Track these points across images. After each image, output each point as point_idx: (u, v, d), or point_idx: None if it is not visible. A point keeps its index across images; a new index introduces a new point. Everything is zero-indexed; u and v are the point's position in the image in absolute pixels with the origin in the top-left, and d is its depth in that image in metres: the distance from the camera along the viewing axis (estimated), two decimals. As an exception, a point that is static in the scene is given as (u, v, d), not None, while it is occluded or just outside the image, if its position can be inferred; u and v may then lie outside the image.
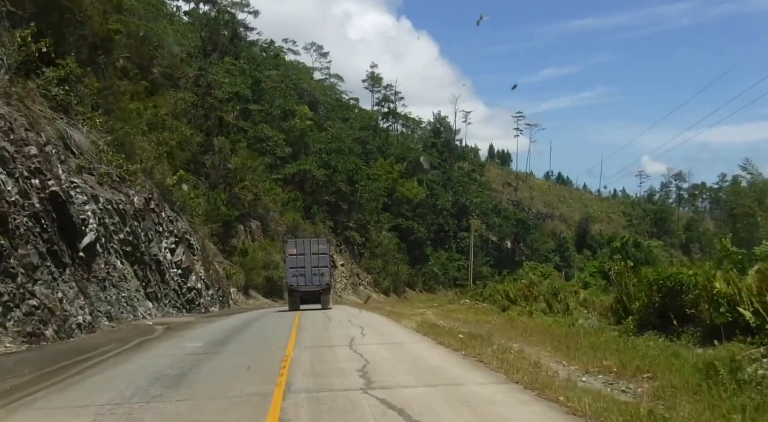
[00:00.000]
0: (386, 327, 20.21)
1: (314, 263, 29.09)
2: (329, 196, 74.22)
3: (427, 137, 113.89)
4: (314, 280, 29.02)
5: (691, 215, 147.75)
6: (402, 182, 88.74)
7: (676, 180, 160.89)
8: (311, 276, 28.98)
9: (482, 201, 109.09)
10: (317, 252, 29.36)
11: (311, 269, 29.00)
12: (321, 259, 29.39)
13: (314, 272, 28.98)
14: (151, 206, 29.63)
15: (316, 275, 28.96)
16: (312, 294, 29.48)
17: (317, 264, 29.16)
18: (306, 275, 28.99)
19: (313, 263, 29.07)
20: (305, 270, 29.01)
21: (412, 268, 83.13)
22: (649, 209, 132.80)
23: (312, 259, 29.11)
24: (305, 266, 29.01)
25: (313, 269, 28.99)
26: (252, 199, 59.25)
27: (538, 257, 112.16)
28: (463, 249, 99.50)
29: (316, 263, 29.12)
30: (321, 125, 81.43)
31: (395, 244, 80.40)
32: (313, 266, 29.02)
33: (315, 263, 29.08)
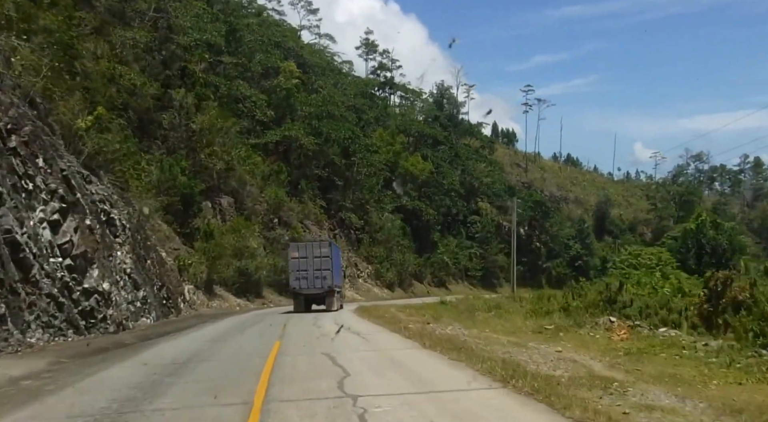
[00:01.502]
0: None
1: (316, 266, 29.16)
2: (320, 170, 61.16)
3: (430, 110, 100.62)
4: (317, 283, 29.07)
5: (717, 198, 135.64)
6: (405, 156, 75.72)
7: (694, 161, 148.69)
8: (314, 279, 29.09)
9: (493, 181, 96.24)
10: (319, 255, 29.42)
11: (314, 272, 29.12)
12: (323, 262, 29.36)
13: (317, 275, 29.08)
14: (12, 143, 16.64)
15: (318, 278, 29.05)
16: (316, 297, 29.75)
17: (320, 267, 29.18)
18: (309, 278, 29.13)
19: (315, 266, 29.15)
20: (308, 273, 29.15)
21: (419, 257, 70.25)
22: (675, 191, 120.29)
23: (314, 262, 29.23)
24: (308, 269, 29.17)
25: (315, 272, 29.10)
26: (223, 169, 46.19)
27: (558, 244, 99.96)
28: (474, 235, 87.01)
29: (318, 266, 29.18)
30: (310, 86, 68.15)
31: (400, 228, 67.50)
32: (315, 269, 29.11)
33: (317, 266, 29.15)
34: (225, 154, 46.60)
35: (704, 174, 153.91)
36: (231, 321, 25.54)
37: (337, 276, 32.07)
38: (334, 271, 30.25)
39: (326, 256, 29.68)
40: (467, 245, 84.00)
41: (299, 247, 30.73)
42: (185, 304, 29.15)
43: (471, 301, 46.45)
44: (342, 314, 28.01)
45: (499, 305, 28.08)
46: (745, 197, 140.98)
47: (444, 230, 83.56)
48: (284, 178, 54.66)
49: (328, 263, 29.58)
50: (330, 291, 29.71)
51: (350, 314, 28.39)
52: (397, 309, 32.19)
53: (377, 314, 25.83)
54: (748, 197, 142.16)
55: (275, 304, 41.11)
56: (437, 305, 41.56)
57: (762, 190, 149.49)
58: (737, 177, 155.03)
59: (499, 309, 26.33)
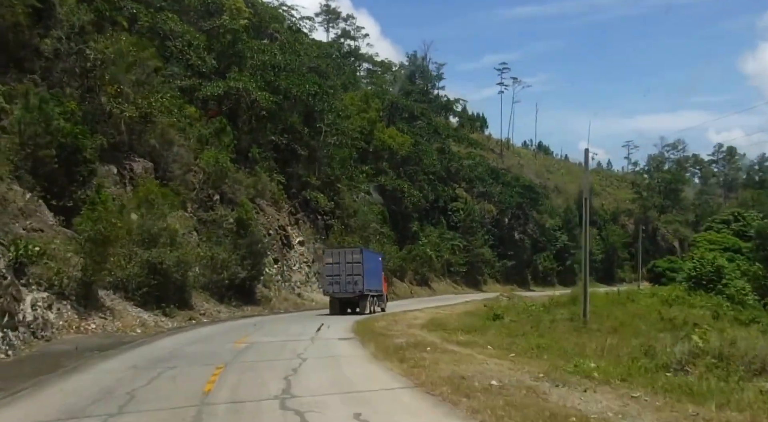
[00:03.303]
0: None
1: (348, 272, 30.10)
2: (278, 136, 46.83)
3: (402, 83, 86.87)
4: (348, 287, 30.06)
5: (701, 187, 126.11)
6: (381, 127, 61.88)
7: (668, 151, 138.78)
8: (345, 284, 30.06)
9: (475, 163, 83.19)
10: (351, 261, 30.26)
11: (345, 277, 30.07)
12: (355, 268, 30.17)
13: (348, 281, 30.03)
14: None
15: (350, 283, 30.02)
16: (349, 301, 30.45)
17: (351, 273, 30.08)
18: (341, 283, 30.15)
19: (347, 271, 30.10)
20: (340, 278, 30.16)
21: (400, 249, 56.54)
22: (662, 179, 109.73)
23: (346, 268, 30.17)
24: (340, 275, 30.18)
25: (347, 277, 30.06)
26: (136, 118, 31.60)
27: (547, 235, 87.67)
28: (456, 225, 73.81)
29: (350, 271, 30.09)
30: (263, 31, 53.57)
31: (378, 212, 53.69)
32: (347, 275, 30.08)
33: (349, 272, 30.09)
34: (140, 99, 32.03)
35: (676, 164, 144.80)
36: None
37: (372, 281, 31.97)
38: (367, 276, 30.62)
39: (357, 262, 30.33)
40: (449, 235, 70.79)
41: (333, 253, 31.67)
42: (24, 330, 14.73)
43: (528, 305, 33.30)
44: (331, 346, 15.17)
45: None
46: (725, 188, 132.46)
47: (422, 218, 70.09)
48: (229, 141, 40.20)
49: (360, 268, 30.18)
50: (362, 295, 30.28)
51: (347, 345, 15.67)
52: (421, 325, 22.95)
53: (394, 347, 13.82)
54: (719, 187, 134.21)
55: (211, 317, 26.92)
56: (473, 315, 28.83)
57: (737, 180, 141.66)
58: (709, 167, 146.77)
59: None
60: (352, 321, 24.59)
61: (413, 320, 25.59)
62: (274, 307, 34.32)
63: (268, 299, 34.58)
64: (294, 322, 25.37)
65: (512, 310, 30.95)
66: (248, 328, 22.27)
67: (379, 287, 33.70)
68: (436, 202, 73.18)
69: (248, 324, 24.81)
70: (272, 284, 36.91)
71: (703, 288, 38.46)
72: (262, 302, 33.85)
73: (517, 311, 30.58)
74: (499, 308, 30.72)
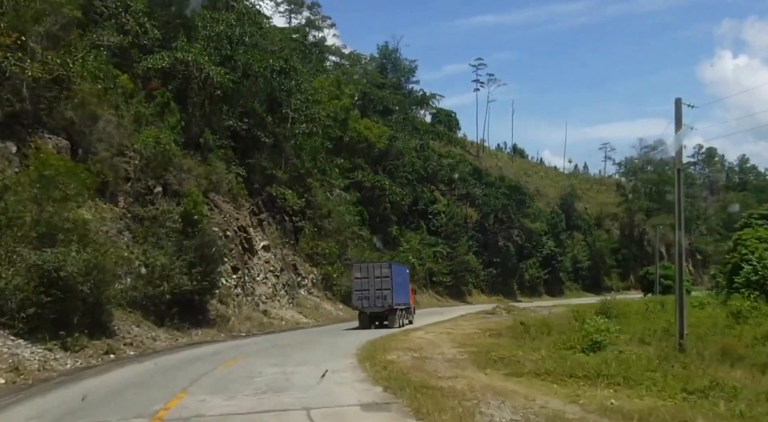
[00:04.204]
0: None
1: (377, 287, 30.07)
2: (236, 121, 38.96)
3: (372, 76, 79.49)
4: (377, 302, 29.91)
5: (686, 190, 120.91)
6: (355, 116, 54.38)
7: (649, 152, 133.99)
8: (375, 299, 29.93)
9: (456, 162, 76.17)
10: (380, 276, 30.31)
11: (374, 292, 30.01)
12: (384, 282, 30.17)
13: (377, 295, 29.94)
14: None
15: (379, 297, 29.90)
16: (379, 315, 30.28)
17: (380, 287, 30.06)
18: (370, 297, 30.00)
19: (376, 286, 30.08)
20: (369, 293, 30.06)
21: (381, 256, 48.91)
22: (649, 180, 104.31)
23: (375, 282, 30.16)
24: (369, 289, 30.10)
25: (376, 291, 30.00)
26: (44, 81, 23.62)
27: (534, 241, 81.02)
28: (438, 230, 66.59)
29: (379, 286, 30.07)
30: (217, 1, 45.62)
31: (357, 212, 46.08)
32: (376, 289, 30.02)
33: (378, 286, 30.07)
34: (52, 57, 24.06)
35: (656, 166, 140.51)
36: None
37: (400, 294, 31.75)
38: (395, 290, 30.51)
39: (386, 276, 30.34)
40: (431, 241, 63.48)
41: (361, 268, 31.56)
42: None
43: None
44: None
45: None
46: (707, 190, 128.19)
47: (400, 222, 62.66)
48: (175, 123, 32.30)
49: (389, 283, 30.17)
50: (391, 310, 30.11)
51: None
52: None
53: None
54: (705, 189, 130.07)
55: (141, 348, 18.93)
56: (503, 335, 21.81)
57: (717, 182, 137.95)
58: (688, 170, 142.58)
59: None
60: (366, 352, 16.87)
61: (443, 347, 18.04)
62: (233, 329, 26.45)
63: (225, 319, 26.66)
64: (266, 356, 17.38)
65: (555, 327, 23.61)
66: (191, 368, 14.52)
67: (407, 300, 33.77)
68: (415, 204, 65.82)
69: (194, 358, 17.02)
70: (230, 299, 29.02)
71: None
72: (218, 323, 25.93)
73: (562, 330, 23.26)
74: (543, 326, 23.41)
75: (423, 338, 21.02)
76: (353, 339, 21.82)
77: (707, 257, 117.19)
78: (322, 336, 25.58)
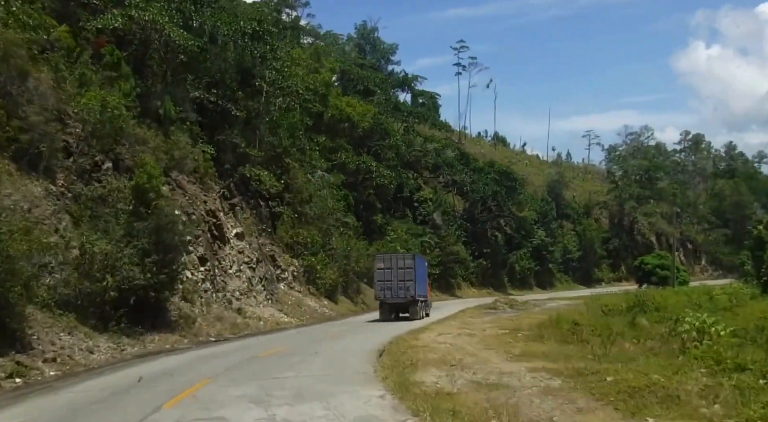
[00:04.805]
0: None
1: (400, 278, 29.96)
2: (202, 92, 33.94)
3: (352, 56, 74.48)
4: (400, 293, 29.85)
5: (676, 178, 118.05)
6: (336, 92, 49.49)
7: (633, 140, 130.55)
8: (397, 290, 29.88)
9: (442, 146, 71.60)
10: (403, 267, 30.23)
11: (397, 282, 29.94)
12: (407, 273, 30.06)
13: (400, 286, 29.87)
14: None
15: (402, 288, 29.83)
16: (400, 305, 30.39)
17: (403, 278, 29.94)
18: (392, 288, 29.98)
19: (399, 277, 29.97)
20: (392, 284, 30.01)
21: (369, 245, 44.22)
22: (639, 166, 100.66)
23: (398, 273, 30.03)
24: (392, 280, 30.03)
25: (399, 282, 29.93)
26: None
27: (522, 229, 76.77)
28: (425, 218, 62.03)
29: (402, 277, 29.96)
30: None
31: (342, 197, 41.28)
32: (399, 280, 29.93)
33: (401, 278, 29.95)
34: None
35: (644, 152, 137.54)
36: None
37: (421, 286, 31.83)
38: (418, 282, 30.58)
39: (410, 267, 30.20)
40: (418, 230, 58.82)
41: (384, 259, 31.40)
42: None
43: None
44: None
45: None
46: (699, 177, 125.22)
47: (385, 210, 57.94)
48: (130, 89, 27.17)
49: (412, 274, 30.02)
50: (413, 301, 30.13)
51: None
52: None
53: None
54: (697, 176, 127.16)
55: (68, 365, 13.97)
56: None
57: (706, 169, 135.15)
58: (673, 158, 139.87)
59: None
60: (389, 368, 12.02)
61: (492, 360, 13.28)
62: (200, 332, 21.51)
63: (190, 321, 21.69)
64: (241, 379, 12.14)
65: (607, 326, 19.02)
66: (112, 412, 9.61)
67: (425, 293, 33.69)
68: (400, 191, 61.14)
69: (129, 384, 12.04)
70: (197, 295, 24.06)
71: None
72: (181, 326, 20.95)
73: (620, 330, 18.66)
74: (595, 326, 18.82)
75: (446, 343, 16.41)
76: (355, 345, 17.23)
77: (698, 247, 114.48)
78: (313, 340, 20.82)
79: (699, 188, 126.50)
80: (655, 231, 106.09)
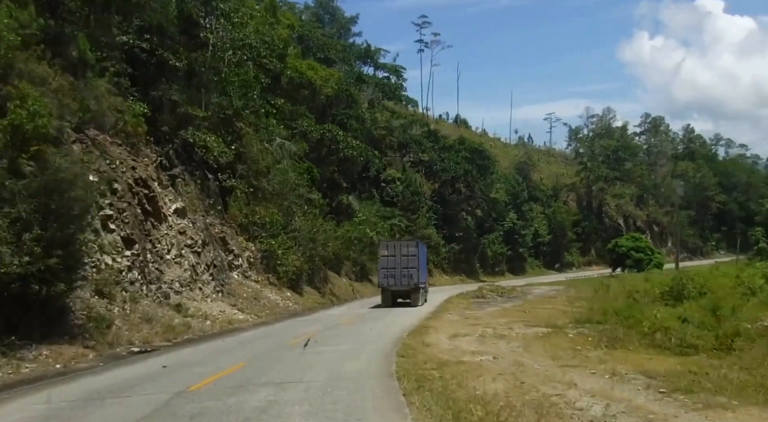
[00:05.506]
0: None
1: (404, 265, 30.10)
2: (132, 37, 27.35)
3: (309, 25, 67.71)
4: (403, 281, 30.05)
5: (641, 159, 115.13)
6: (296, 53, 43.15)
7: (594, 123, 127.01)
8: (401, 277, 30.05)
9: (409, 122, 65.87)
10: (407, 254, 30.40)
11: (401, 270, 30.08)
12: (410, 260, 30.33)
13: (404, 274, 30.06)
14: None
15: (405, 276, 30.03)
16: (402, 293, 30.58)
17: (407, 266, 30.12)
18: (396, 275, 30.14)
19: (402, 264, 30.10)
20: (395, 271, 30.15)
21: (337, 226, 38.28)
22: (609, 146, 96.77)
23: (402, 260, 30.17)
24: (396, 268, 30.14)
25: (402, 270, 30.07)
26: None
27: (494, 211, 71.80)
28: (393, 199, 56.40)
29: (405, 264, 30.12)
30: None
31: (305, 169, 35.20)
32: (402, 268, 30.08)
33: (405, 265, 30.11)
34: None
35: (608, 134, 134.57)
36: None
37: (423, 274, 32.41)
38: (421, 269, 31.11)
39: (413, 255, 30.45)
40: (388, 213, 53.13)
41: (388, 246, 31.45)
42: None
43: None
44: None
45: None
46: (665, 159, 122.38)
47: (350, 190, 52.02)
48: (30, 19, 20.51)
49: (416, 261, 30.39)
50: (415, 288, 30.34)
51: None
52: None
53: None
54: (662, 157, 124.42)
55: None
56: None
57: (665, 152, 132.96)
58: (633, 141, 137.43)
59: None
60: None
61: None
62: (117, 340, 15.24)
63: (104, 324, 15.39)
64: None
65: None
66: None
67: (426, 280, 33.77)
68: (366, 170, 55.28)
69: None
70: (118, 289, 17.78)
71: None
72: (89, 333, 14.66)
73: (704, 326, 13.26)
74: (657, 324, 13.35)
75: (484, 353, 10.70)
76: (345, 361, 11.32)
77: (664, 229, 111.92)
78: (281, 348, 14.88)
79: (661, 170, 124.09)
80: (622, 214, 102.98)
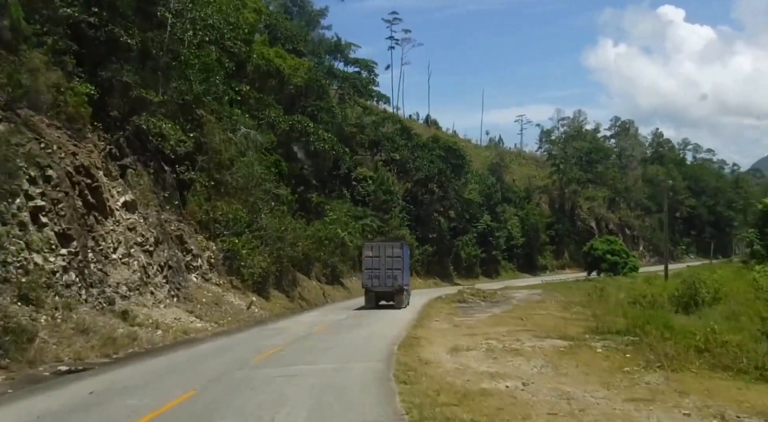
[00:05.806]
0: None
1: (388, 266, 29.91)
2: (78, 10, 24.26)
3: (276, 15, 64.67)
4: (387, 282, 29.86)
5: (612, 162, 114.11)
6: (263, 40, 40.33)
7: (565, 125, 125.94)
8: (385, 278, 29.86)
9: (380, 119, 63.39)
10: (391, 256, 30.15)
11: (385, 271, 29.90)
12: (395, 262, 30.09)
13: (388, 275, 29.89)
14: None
15: (389, 277, 29.85)
16: (386, 294, 30.39)
17: (391, 267, 29.93)
18: (380, 276, 29.95)
19: (387, 265, 29.90)
20: (380, 272, 29.98)
21: (307, 225, 35.53)
22: (581, 148, 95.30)
23: (386, 262, 29.96)
24: (380, 269, 29.97)
25: (387, 271, 29.89)
26: None
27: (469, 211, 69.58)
28: (365, 199, 53.88)
29: (390, 265, 29.93)
30: None
31: (272, 162, 32.40)
32: (387, 269, 29.89)
33: (389, 266, 29.91)
34: None
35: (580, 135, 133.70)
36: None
37: (406, 275, 31.89)
38: (405, 271, 30.68)
39: (398, 256, 30.14)
40: (360, 212, 50.55)
41: (373, 247, 31.21)
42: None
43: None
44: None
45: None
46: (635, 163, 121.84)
47: (320, 189, 49.32)
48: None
49: (400, 263, 30.03)
50: (399, 290, 30.06)
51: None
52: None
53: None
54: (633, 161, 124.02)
55: None
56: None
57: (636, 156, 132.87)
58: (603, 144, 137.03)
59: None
60: None
61: None
62: (38, 359, 12.26)
63: (26, 339, 12.46)
64: None
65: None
66: None
67: (409, 282, 33.32)
68: (336, 168, 52.61)
69: None
70: (49, 293, 14.84)
71: None
72: (3, 350, 11.77)
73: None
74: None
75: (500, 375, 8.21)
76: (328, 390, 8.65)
77: (635, 233, 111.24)
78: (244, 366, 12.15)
79: (631, 174, 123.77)
80: (595, 216, 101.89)
